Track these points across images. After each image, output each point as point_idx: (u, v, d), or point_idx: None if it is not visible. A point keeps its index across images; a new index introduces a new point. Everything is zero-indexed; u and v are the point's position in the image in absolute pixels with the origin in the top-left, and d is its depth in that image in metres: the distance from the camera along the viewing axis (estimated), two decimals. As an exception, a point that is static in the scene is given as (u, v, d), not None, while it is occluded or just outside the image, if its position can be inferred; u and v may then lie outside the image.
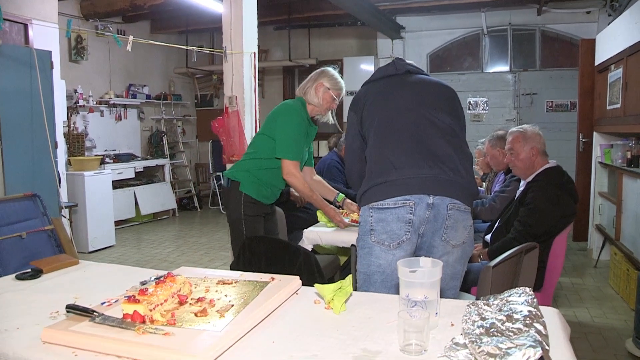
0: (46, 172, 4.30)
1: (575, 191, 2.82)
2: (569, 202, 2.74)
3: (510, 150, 2.96)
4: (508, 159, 3.00)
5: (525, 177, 2.94)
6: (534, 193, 2.75)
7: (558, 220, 2.70)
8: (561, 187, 2.76)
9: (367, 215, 1.89)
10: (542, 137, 2.95)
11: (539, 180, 2.82)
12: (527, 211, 2.72)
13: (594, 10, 7.06)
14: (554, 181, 2.77)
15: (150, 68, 8.62)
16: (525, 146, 2.89)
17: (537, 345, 0.98)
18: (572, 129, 6.71)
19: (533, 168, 2.89)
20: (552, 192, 2.72)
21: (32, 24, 4.63)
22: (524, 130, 2.95)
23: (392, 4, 7.00)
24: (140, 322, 1.22)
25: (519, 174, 3.04)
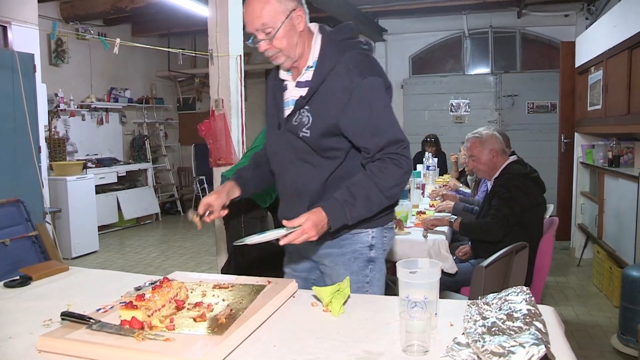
0: (29, 178, 4.22)
1: (540, 180, 2.92)
2: (536, 191, 2.85)
3: (472, 157, 3.06)
4: (471, 165, 3.09)
5: (491, 178, 3.04)
6: (502, 187, 2.84)
7: (528, 209, 2.78)
8: (526, 177, 2.87)
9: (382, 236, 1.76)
10: (498, 136, 3.05)
11: (504, 174, 2.93)
12: (500, 200, 2.80)
13: (572, 13, 7.20)
14: (520, 173, 2.88)
15: (131, 71, 8.53)
16: (484, 150, 2.99)
17: (540, 343, 0.99)
18: (552, 129, 6.83)
19: (496, 167, 3.00)
20: (518, 181, 2.83)
21: (12, 25, 4.55)
22: (479, 135, 3.04)
23: (374, 6, 7.04)
24: (138, 328, 1.21)
25: (484, 177, 3.18)
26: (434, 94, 8.07)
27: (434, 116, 8.11)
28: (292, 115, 1.66)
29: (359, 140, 1.59)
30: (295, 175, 1.70)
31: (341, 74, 1.58)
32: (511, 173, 2.89)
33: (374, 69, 1.63)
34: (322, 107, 1.60)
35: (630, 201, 3.75)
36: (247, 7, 1.58)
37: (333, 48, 1.64)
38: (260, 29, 1.57)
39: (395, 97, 8.35)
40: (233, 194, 1.78)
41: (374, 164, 1.57)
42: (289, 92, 1.72)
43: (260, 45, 1.60)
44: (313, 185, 1.66)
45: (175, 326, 1.24)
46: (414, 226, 3.05)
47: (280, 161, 1.74)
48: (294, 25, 1.60)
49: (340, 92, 1.58)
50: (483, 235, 2.79)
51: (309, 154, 1.65)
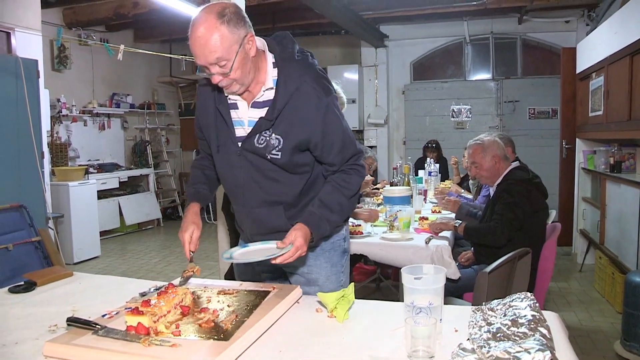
0: (32, 183, 4.23)
1: (543, 186, 2.93)
2: (538, 197, 2.86)
3: (474, 164, 3.06)
4: (473, 171, 3.09)
5: (493, 184, 3.04)
6: (506, 192, 2.85)
7: (531, 214, 2.78)
8: (529, 182, 2.87)
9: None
10: (500, 142, 3.05)
11: (507, 180, 2.93)
12: (503, 205, 2.80)
13: (573, 19, 7.22)
14: (521, 178, 2.89)
15: (133, 77, 8.55)
16: (486, 156, 2.99)
17: (546, 348, 1.00)
18: (553, 135, 6.84)
19: (498, 173, 3.00)
20: (521, 186, 2.83)
21: (15, 32, 4.57)
22: (481, 142, 3.05)
23: (375, 13, 7.06)
24: (144, 334, 1.21)
25: (486, 183, 3.17)
26: (435, 99, 8.08)
27: (435, 122, 8.11)
28: (252, 136, 1.62)
29: (327, 157, 1.68)
30: (264, 193, 1.69)
31: (308, 92, 1.60)
32: (514, 179, 2.89)
33: (331, 85, 1.69)
34: (291, 127, 1.60)
35: (632, 207, 3.75)
36: (197, 40, 1.47)
37: (292, 67, 1.61)
38: (214, 63, 1.50)
39: (396, 103, 8.40)
40: (198, 215, 1.77)
41: (337, 175, 1.70)
42: (241, 112, 1.67)
43: (213, 78, 1.53)
44: (287, 199, 1.71)
45: (181, 332, 1.25)
46: (417, 232, 3.05)
47: (243, 181, 1.70)
48: (247, 52, 1.53)
49: (310, 111, 1.60)
50: (487, 240, 2.79)
51: (277, 172, 1.67)
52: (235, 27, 1.49)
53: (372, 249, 2.87)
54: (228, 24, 1.47)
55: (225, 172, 1.75)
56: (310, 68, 1.64)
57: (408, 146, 8.31)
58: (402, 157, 8.11)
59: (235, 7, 1.51)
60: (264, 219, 1.73)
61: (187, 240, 1.67)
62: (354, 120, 8.19)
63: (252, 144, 1.63)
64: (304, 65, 1.64)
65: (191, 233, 1.68)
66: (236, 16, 1.50)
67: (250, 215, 1.75)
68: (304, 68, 1.63)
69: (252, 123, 1.64)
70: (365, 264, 4.56)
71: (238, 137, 1.66)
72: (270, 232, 1.72)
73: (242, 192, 1.72)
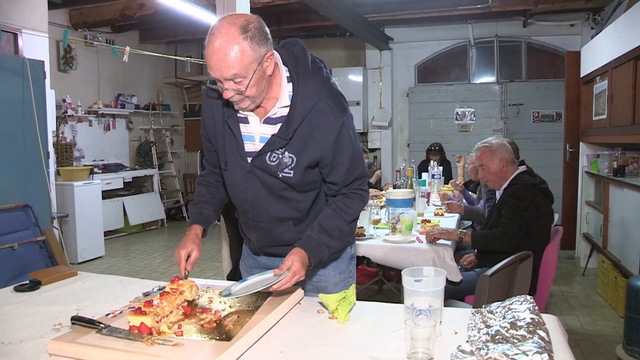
0: (38, 183, 4.26)
1: (549, 191, 2.92)
2: (545, 202, 2.86)
3: (481, 166, 3.06)
4: (480, 174, 3.08)
5: (500, 187, 3.04)
6: (511, 196, 2.84)
7: (537, 219, 2.78)
8: (535, 187, 2.87)
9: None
10: (508, 145, 3.05)
11: (513, 184, 2.93)
12: (510, 208, 2.80)
13: (578, 23, 7.22)
14: (528, 183, 2.88)
15: (138, 78, 8.59)
16: (494, 159, 2.99)
17: (543, 351, 1.01)
18: (557, 139, 6.83)
19: (505, 177, 3.00)
20: (528, 191, 2.83)
21: (22, 33, 4.61)
22: (489, 145, 3.04)
23: (380, 15, 7.08)
24: (147, 333, 1.23)
25: (493, 187, 3.15)
26: (439, 102, 8.09)
27: (439, 124, 8.12)
28: (263, 154, 1.58)
29: (333, 176, 1.62)
30: (273, 210, 1.67)
31: (325, 111, 1.55)
32: (521, 183, 2.88)
33: (346, 102, 1.64)
34: (305, 146, 1.56)
35: (636, 211, 3.75)
36: (216, 52, 1.40)
37: (309, 83, 1.55)
38: (230, 79, 1.43)
39: (400, 105, 8.41)
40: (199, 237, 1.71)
41: (339, 198, 1.65)
42: (252, 127, 1.61)
43: (225, 93, 1.47)
44: (296, 215, 1.69)
45: (183, 332, 1.26)
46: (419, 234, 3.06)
47: (251, 197, 1.66)
48: (264, 71, 1.47)
49: (326, 130, 1.55)
50: (497, 246, 2.77)
51: (287, 191, 1.63)
52: (257, 44, 1.42)
53: (374, 251, 2.88)
54: (251, 40, 1.40)
55: (233, 187, 1.71)
56: (326, 84, 1.59)
57: (412, 149, 8.31)
58: (405, 159, 8.13)
59: (259, 23, 1.46)
60: (273, 233, 1.71)
61: (183, 257, 1.62)
62: (358, 122, 8.20)
63: (263, 162, 1.59)
64: (320, 81, 1.58)
65: (189, 252, 1.63)
66: (260, 32, 1.43)
67: (258, 229, 1.72)
68: (321, 84, 1.57)
69: (264, 139, 1.59)
70: (368, 266, 4.57)
71: (247, 152, 1.61)
72: (279, 245, 1.72)
73: (251, 208, 1.68)
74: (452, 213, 3.82)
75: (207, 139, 1.75)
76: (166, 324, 1.29)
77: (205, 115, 1.71)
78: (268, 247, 1.76)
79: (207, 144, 1.77)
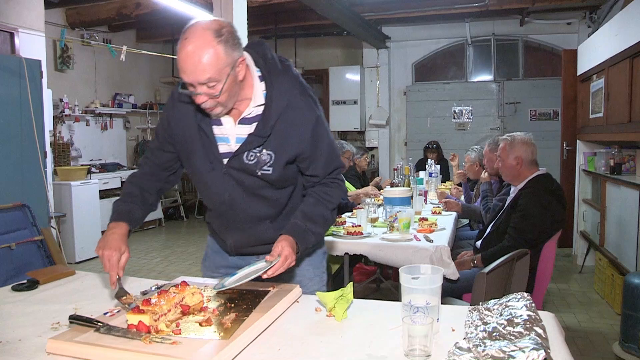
0: (35, 182, 4.26)
1: (564, 198, 2.88)
2: (558, 208, 2.80)
3: (499, 157, 3.05)
4: (497, 164, 3.07)
5: (515, 184, 3.01)
6: (525, 199, 2.81)
7: (549, 225, 2.75)
8: (551, 193, 2.82)
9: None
10: (532, 145, 2.97)
11: (530, 187, 2.88)
12: (520, 218, 2.77)
13: (574, 21, 7.24)
14: (545, 187, 2.83)
15: (136, 77, 8.58)
16: (510, 155, 2.96)
17: (540, 347, 1.01)
18: (554, 137, 6.85)
19: (520, 176, 2.96)
20: (543, 197, 2.78)
21: (19, 32, 4.60)
22: (511, 139, 3.00)
23: (377, 14, 7.09)
24: (145, 332, 1.23)
25: (507, 179, 3.11)
26: (437, 100, 8.10)
27: (437, 123, 8.13)
28: (240, 153, 1.59)
29: (312, 169, 1.66)
30: (251, 210, 1.68)
31: (300, 106, 1.59)
32: (537, 187, 2.83)
33: (316, 97, 1.67)
34: (284, 142, 1.58)
35: (632, 209, 3.76)
36: (190, 56, 1.39)
37: (281, 80, 1.58)
38: (203, 83, 1.43)
39: (398, 104, 8.42)
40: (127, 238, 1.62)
41: (318, 187, 1.69)
42: (226, 129, 1.61)
43: (198, 98, 1.46)
44: (273, 212, 1.71)
45: (181, 330, 1.26)
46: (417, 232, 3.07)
47: (228, 198, 1.66)
48: (236, 75, 1.48)
49: (303, 125, 1.59)
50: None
51: (264, 189, 1.65)
52: (231, 48, 1.43)
53: (372, 249, 2.88)
54: (225, 44, 1.41)
55: (208, 190, 1.69)
56: (297, 80, 1.63)
57: (409, 147, 8.33)
58: (403, 158, 8.15)
59: (232, 28, 1.46)
60: (251, 233, 1.72)
61: (116, 260, 1.50)
62: (356, 121, 8.21)
63: (240, 161, 1.59)
64: (292, 78, 1.62)
65: (121, 253, 1.52)
66: (232, 37, 1.44)
67: (236, 230, 1.73)
68: (292, 81, 1.61)
69: (240, 139, 1.59)
70: (366, 264, 4.58)
71: (222, 153, 1.61)
72: (257, 244, 1.74)
73: (228, 210, 1.68)
74: (449, 211, 3.83)
75: (167, 141, 1.71)
76: (164, 322, 1.29)
77: (172, 119, 1.67)
78: (246, 247, 1.76)
79: (166, 146, 1.72)
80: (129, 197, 1.71)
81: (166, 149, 1.73)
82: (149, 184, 1.76)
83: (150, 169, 1.78)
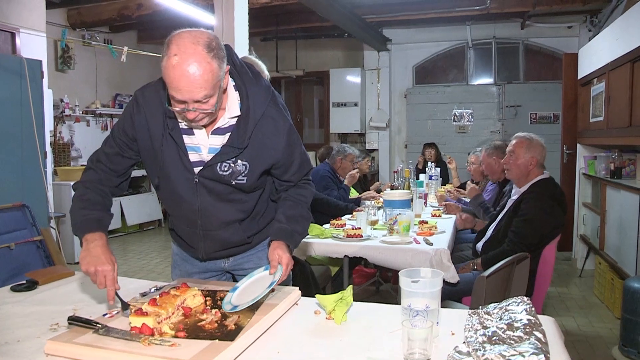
0: (35, 182, 4.25)
1: (565, 203, 2.87)
2: (560, 213, 2.79)
3: (511, 153, 2.97)
4: (506, 160, 3.00)
5: (519, 185, 2.98)
6: (528, 204, 2.79)
7: (550, 231, 2.75)
8: (554, 198, 2.80)
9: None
10: (545, 149, 2.96)
11: (533, 191, 2.85)
12: (522, 222, 2.76)
13: (575, 25, 7.24)
14: (548, 193, 2.81)
15: (136, 78, 8.56)
16: (527, 153, 2.91)
17: (540, 352, 1.01)
18: (555, 140, 6.84)
19: (527, 177, 2.93)
20: (546, 203, 2.76)
21: (20, 32, 4.60)
22: (530, 138, 2.96)
23: (378, 16, 7.09)
24: (148, 334, 1.23)
25: (511, 177, 3.06)
26: (437, 103, 8.10)
27: (437, 126, 8.13)
28: (214, 164, 1.57)
29: (287, 175, 1.71)
30: (222, 215, 1.67)
31: (274, 117, 1.61)
32: (540, 192, 2.81)
33: (285, 106, 1.70)
34: (259, 152, 1.59)
35: (632, 213, 3.76)
36: (186, 76, 1.34)
37: (255, 91, 1.58)
38: (199, 100, 1.39)
39: (398, 106, 8.43)
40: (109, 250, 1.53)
41: (292, 190, 1.74)
42: (197, 138, 1.58)
43: (189, 114, 1.42)
44: (242, 215, 1.72)
45: (185, 333, 1.26)
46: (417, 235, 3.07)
47: (199, 207, 1.64)
48: (224, 86, 1.47)
49: (277, 134, 1.61)
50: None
51: (235, 194, 1.65)
52: (221, 60, 1.40)
53: (371, 252, 2.88)
54: (217, 58, 1.38)
55: (177, 199, 1.66)
56: (269, 90, 1.63)
57: (410, 150, 8.33)
58: (403, 160, 8.15)
59: (218, 39, 1.43)
60: (221, 237, 1.72)
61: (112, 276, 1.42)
62: (356, 123, 8.22)
63: (213, 172, 1.58)
64: (265, 88, 1.62)
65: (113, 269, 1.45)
66: (220, 48, 1.41)
67: (206, 237, 1.72)
68: (265, 91, 1.61)
69: (213, 150, 1.57)
70: (365, 266, 4.58)
71: (193, 162, 1.59)
72: (227, 248, 1.76)
73: (199, 218, 1.67)
74: (449, 214, 3.82)
75: (128, 147, 1.65)
76: (168, 325, 1.29)
77: (139, 126, 1.60)
78: (216, 252, 1.77)
79: (126, 151, 1.66)
80: (92, 204, 1.59)
81: (126, 154, 1.67)
82: (106, 189, 1.67)
83: (106, 175, 1.68)
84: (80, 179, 1.69)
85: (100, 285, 1.42)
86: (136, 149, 1.66)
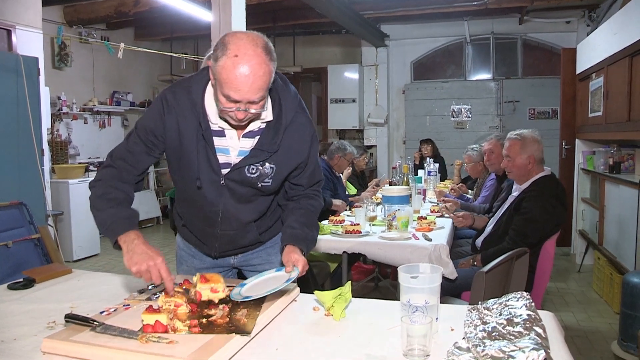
0: (32, 180, 4.24)
1: (566, 201, 2.84)
2: (561, 211, 2.77)
3: (507, 157, 2.94)
4: (504, 163, 2.98)
5: (520, 183, 2.95)
6: (529, 202, 2.75)
7: (551, 228, 2.74)
8: (556, 197, 2.77)
9: None
10: (541, 143, 2.91)
11: (534, 189, 2.82)
12: (523, 221, 2.74)
13: (574, 20, 7.23)
14: (550, 191, 2.78)
15: (134, 75, 8.56)
16: (523, 153, 2.86)
17: (540, 347, 1.01)
18: (553, 135, 6.84)
19: (528, 175, 2.89)
20: (548, 202, 2.73)
21: (16, 29, 4.58)
22: (521, 138, 2.90)
23: (376, 12, 7.07)
24: (163, 331, 1.22)
25: (513, 178, 3.03)
26: (436, 99, 8.09)
27: (435, 121, 8.12)
28: (242, 166, 1.58)
29: (300, 178, 1.71)
30: (241, 216, 1.70)
31: (303, 122, 1.64)
32: (543, 191, 2.78)
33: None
34: (287, 156, 1.62)
35: (631, 208, 3.76)
36: (247, 77, 1.36)
37: (286, 97, 1.60)
38: (254, 101, 1.41)
39: (396, 102, 8.42)
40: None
41: (304, 200, 1.74)
42: (228, 140, 1.59)
43: (239, 114, 1.43)
44: (258, 216, 1.76)
45: (200, 328, 1.25)
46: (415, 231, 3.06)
47: (222, 208, 1.66)
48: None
49: (304, 139, 1.65)
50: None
51: (255, 196, 1.68)
52: (275, 63, 1.44)
53: (370, 248, 2.88)
54: (273, 61, 1.42)
55: (201, 201, 1.66)
56: (297, 96, 1.65)
57: (408, 146, 8.32)
58: (402, 156, 8.13)
59: (269, 41, 1.46)
60: (238, 238, 1.75)
61: (166, 268, 1.42)
62: (354, 119, 8.20)
63: (241, 174, 1.59)
64: (293, 94, 1.64)
65: (163, 260, 1.44)
66: (274, 52, 1.44)
67: (223, 237, 1.74)
68: (294, 97, 1.63)
69: (243, 152, 1.59)
70: (364, 263, 4.57)
71: (221, 164, 1.60)
72: (240, 247, 1.80)
73: (220, 219, 1.69)
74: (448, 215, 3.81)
75: (156, 146, 1.63)
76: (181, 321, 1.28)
77: (170, 126, 1.59)
78: (229, 250, 1.81)
79: (154, 151, 1.64)
80: (118, 203, 1.56)
81: (153, 153, 1.65)
82: (127, 187, 1.64)
83: (127, 173, 1.64)
84: (97, 177, 1.63)
85: (156, 280, 1.40)
86: (162, 148, 1.65)
